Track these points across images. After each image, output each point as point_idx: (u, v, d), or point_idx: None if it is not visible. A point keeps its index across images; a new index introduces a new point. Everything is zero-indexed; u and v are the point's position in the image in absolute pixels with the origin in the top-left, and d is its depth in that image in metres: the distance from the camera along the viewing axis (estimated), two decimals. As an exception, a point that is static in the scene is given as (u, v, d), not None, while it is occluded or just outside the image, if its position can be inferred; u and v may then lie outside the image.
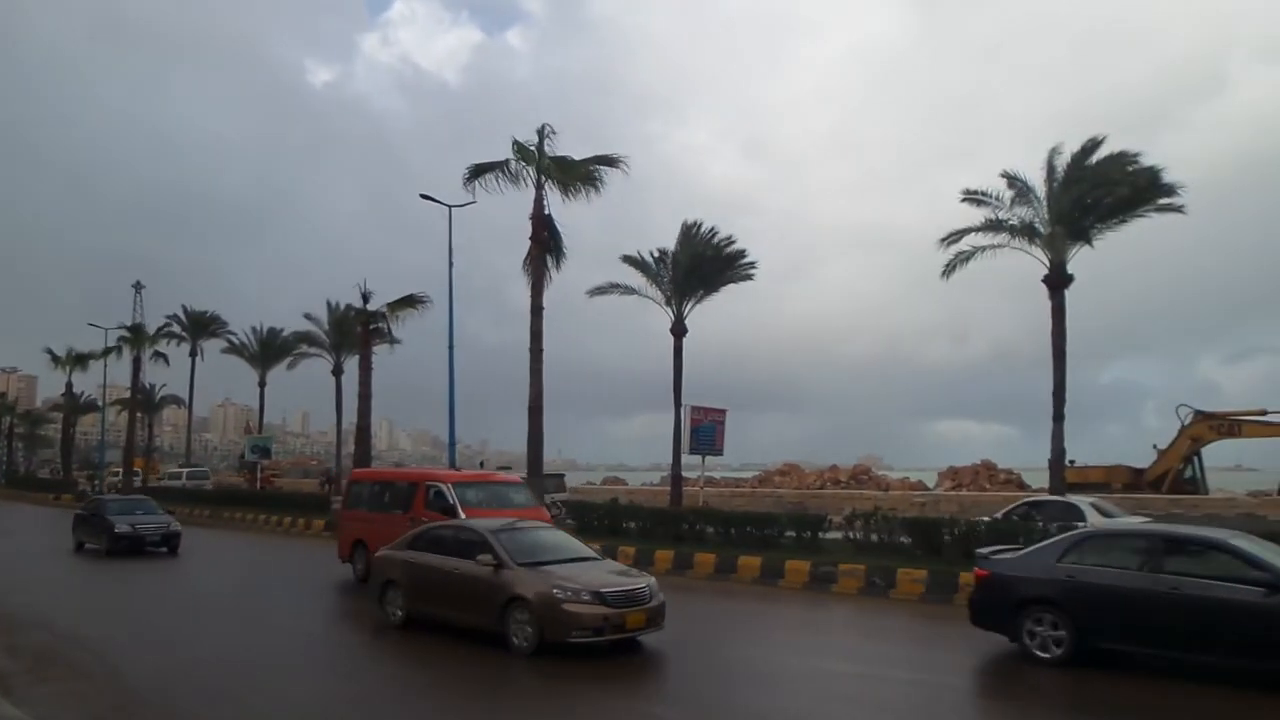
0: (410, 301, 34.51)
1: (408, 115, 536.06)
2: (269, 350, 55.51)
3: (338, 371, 49.53)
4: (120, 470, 59.91)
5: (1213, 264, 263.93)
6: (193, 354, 59.55)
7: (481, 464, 73.38)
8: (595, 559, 12.22)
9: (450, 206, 29.62)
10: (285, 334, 54.65)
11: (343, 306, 45.34)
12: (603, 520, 24.15)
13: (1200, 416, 35.15)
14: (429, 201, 29.67)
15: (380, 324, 35.47)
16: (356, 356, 36.94)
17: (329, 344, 49.45)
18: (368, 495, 18.81)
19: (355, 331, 37.70)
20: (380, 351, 36.93)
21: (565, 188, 27.87)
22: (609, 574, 11.38)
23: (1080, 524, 16.45)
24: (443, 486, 16.63)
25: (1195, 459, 35.69)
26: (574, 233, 29.44)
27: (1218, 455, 36.92)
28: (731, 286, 31.98)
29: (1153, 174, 22.95)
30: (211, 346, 59.37)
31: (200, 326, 59.11)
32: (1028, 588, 10.15)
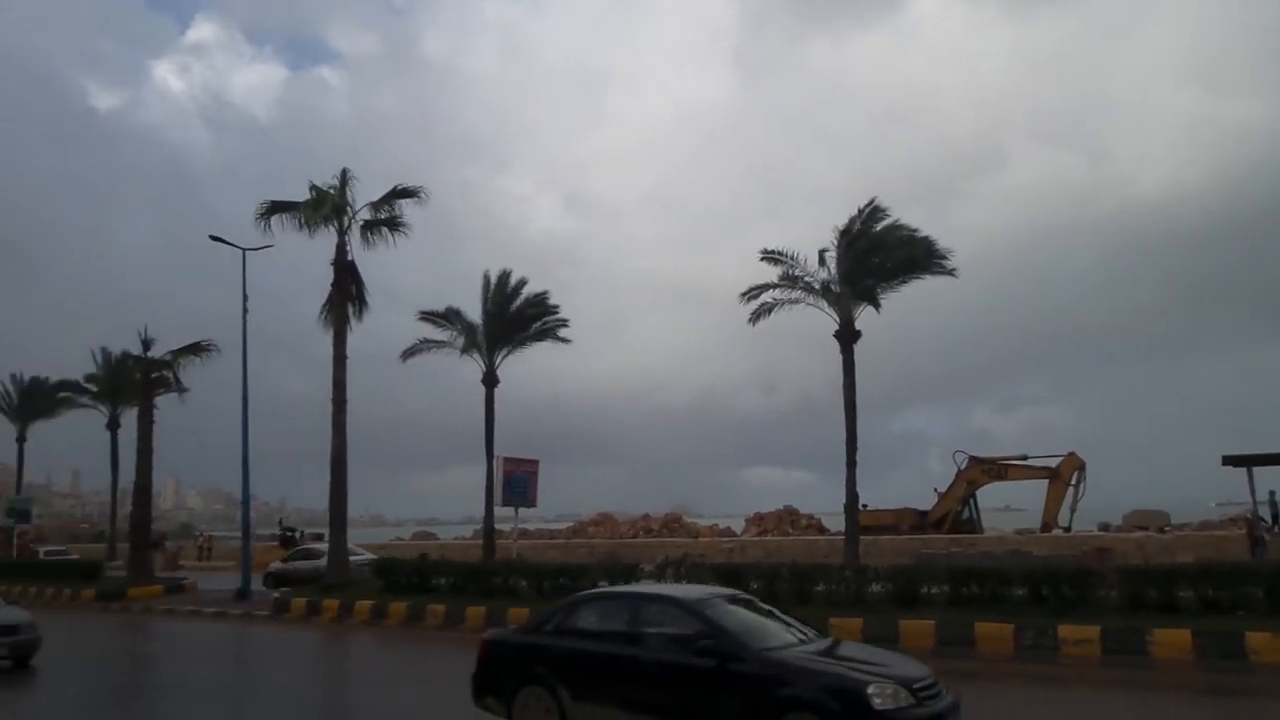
0: (196, 349, 32.13)
1: (210, 149, 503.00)
2: (32, 402, 50.02)
3: (113, 425, 45.38)
4: None
5: (989, 322, 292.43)
6: (-65, 406, 52.69)
7: (280, 521, 68.88)
8: None
9: (244, 250, 28.04)
10: (52, 383, 49.48)
11: (117, 354, 41.76)
12: (411, 578, 23.22)
13: (973, 462, 38.42)
14: (223, 244, 28.05)
15: (164, 373, 32.79)
16: (136, 408, 33.90)
17: (104, 394, 45.24)
18: None
19: (135, 381, 34.65)
20: (167, 403, 34.10)
21: (367, 232, 27.11)
22: None
23: None
24: None
25: (971, 501, 38.90)
26: (395, 281, 28.70)
27: (989, 497, 40.47)
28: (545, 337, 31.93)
29: (927, 242, 25.15)
30: (-41, 398, 52.70)
31: (-55, 375, 52.42)
32: None
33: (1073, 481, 36.34)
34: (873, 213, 25.35)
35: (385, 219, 27.21)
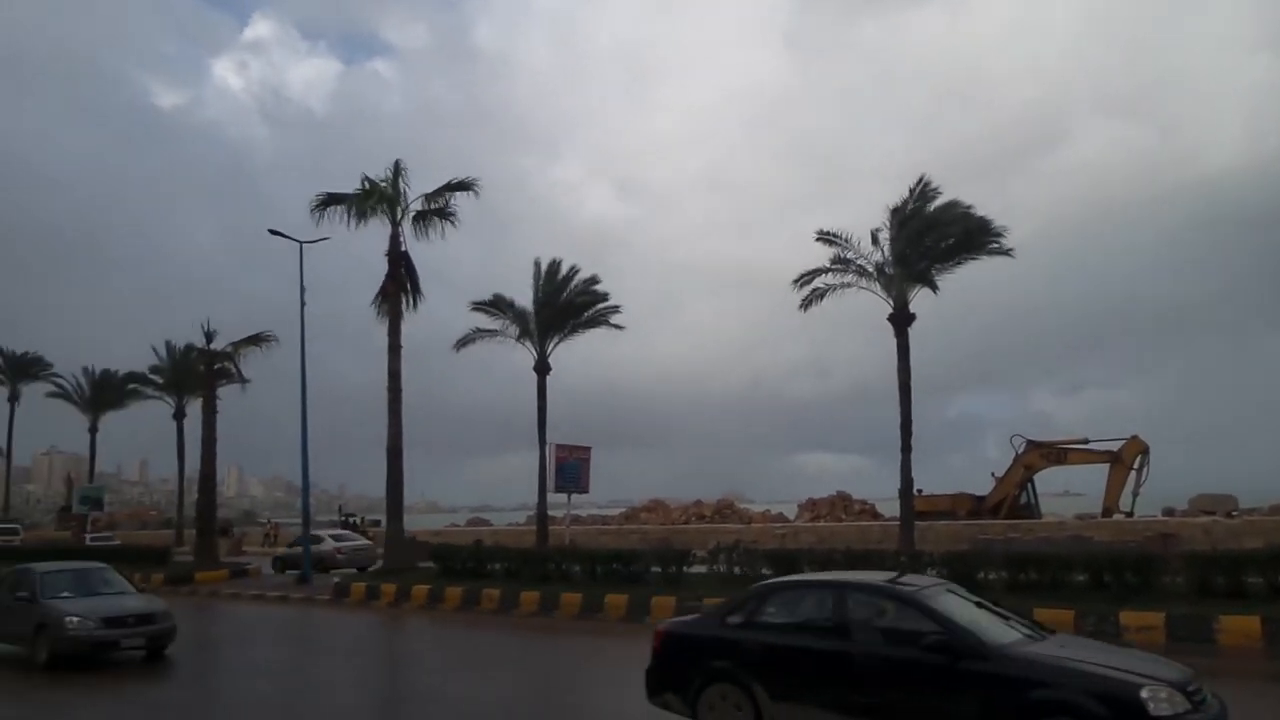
0: (256, 340, 32.99)
1: (269, 144, 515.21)
2: (102, 394, 51.79)
3: (179, 415, 46.75)
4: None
5: (1051, 302, 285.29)
6: (12, 399, 54.89)
7: (340, 509, 70.36)
8: None
9: (301, 242, 28.58)
10: (120, 376, 51.18)
11: (180, 346, 43.11)
12: (466, 563, 23.58)
13: (1032, 446, 37.68)
14: (281, 238, 28.67)
15: (225, 364, 33.69)
16: (200, 399, 34.91)
17: (169, 385, 46.65)
18: None
19: (198, 372, 35.70)
20: (229, 394, 35.07)
21: (419, 224, 27.47)
22: None
23: None
24: None
25: (1029, 485, 38.19)
26: (450, 270, 29.06)
27: (1048, 482, 39.69)
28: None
29: (982, 221, 24.65)
30: (35, 390, 54.85)
31: (20, 369, 54.54)
32: None
33: (1135, 465, 35.47)
34: (924, 191, 24.94)
35: (436, 209, 27.54)
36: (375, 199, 26.90)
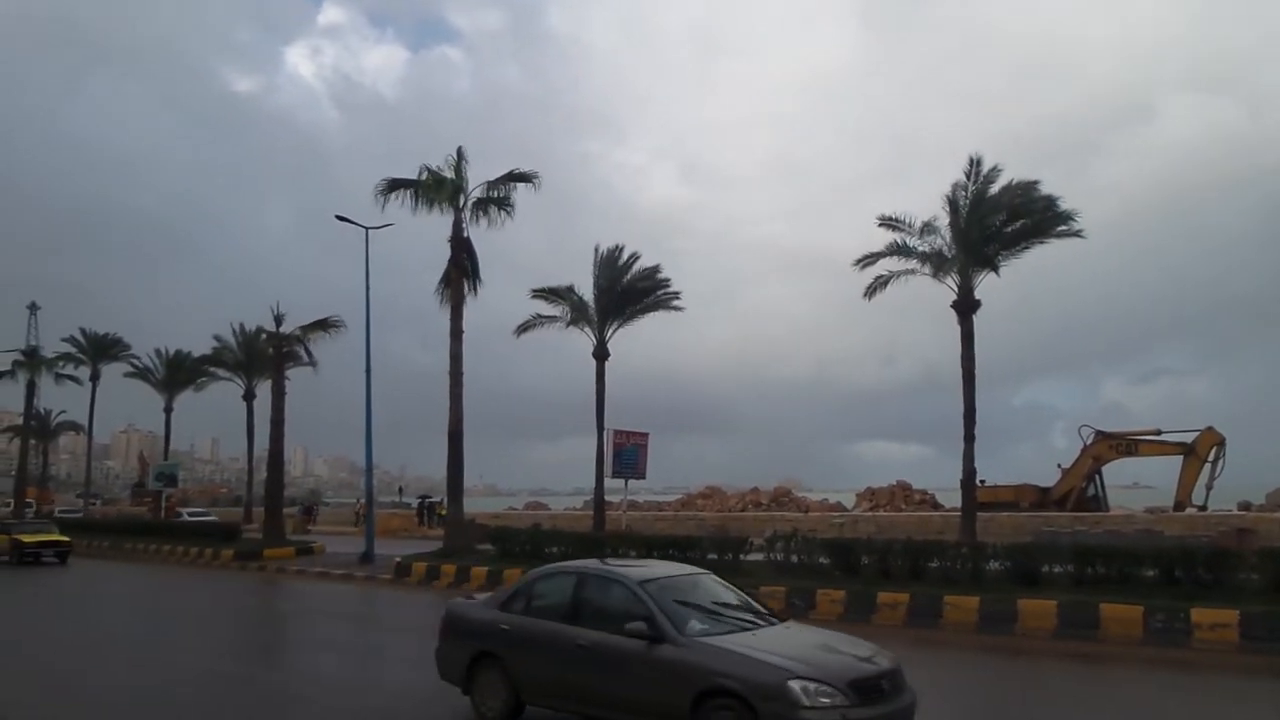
0: (324, 325, 33.70)
1: (340, 129, 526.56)
2: (177, 374, 53.50)
3: (249, 396, 48.06)
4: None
5: (1130, 287, 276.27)
6: (93, 378, 57.05)
7: (400, 490, 71.85)
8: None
9: (367, 228, 29.13)
10: (194, 357, 52.82)
11: (251, 329, 44.22)
12: (524, 546, 23.86)
13: (1101, 436, 36.75)
14: (348, 223, 29.26)
15: (294, 347, 34.54)
16: (269, 381, 35.86)
17: (239, 367, 47.99)
18: None
19: (267, 355, 36.67)
20: (296, 375, 35.95)
21: (477, 211, 27.75)
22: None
23: None
24: None
25: (1097, 477, 37.27)
26: (515, 254, 29.32)
27: (1117, 474, 38.68)
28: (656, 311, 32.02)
29: (1050, 202, 23.84)
30: (114, 370, 56.94)
31: (100, 350, 56.64)
32: None
33: (1210, 458, 34.36)
34: (982, 174, 24.23)
35: (495, 199, 27.77)
36: (447, 193, 27.17)
